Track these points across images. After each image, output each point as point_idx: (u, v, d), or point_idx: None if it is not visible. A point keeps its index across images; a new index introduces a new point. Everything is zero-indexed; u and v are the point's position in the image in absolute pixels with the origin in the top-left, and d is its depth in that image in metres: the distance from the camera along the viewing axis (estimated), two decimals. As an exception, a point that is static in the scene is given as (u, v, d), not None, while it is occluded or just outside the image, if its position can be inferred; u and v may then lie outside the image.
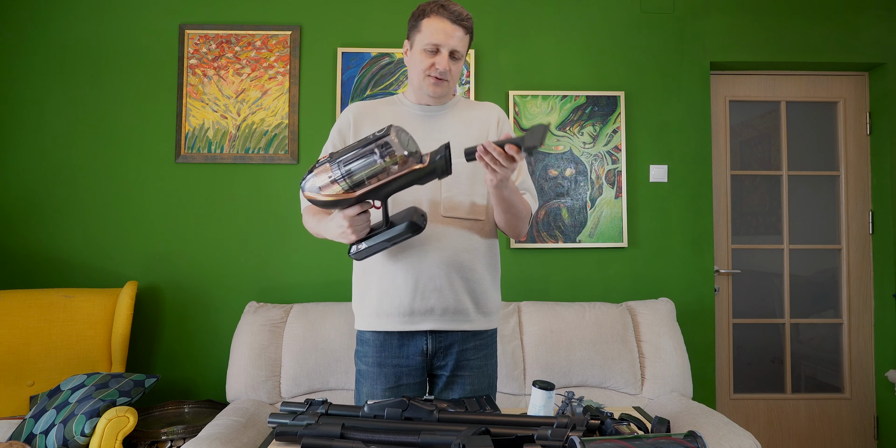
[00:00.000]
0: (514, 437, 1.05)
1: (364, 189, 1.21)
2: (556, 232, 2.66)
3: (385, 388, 1.43)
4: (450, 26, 1.40)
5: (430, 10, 1.41)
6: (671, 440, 0.91)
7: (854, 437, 2.80)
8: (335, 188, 1.21)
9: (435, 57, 1.41)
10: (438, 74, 1.41)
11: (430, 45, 1.40)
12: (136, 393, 2.08)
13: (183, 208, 2.60)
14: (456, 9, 1.41)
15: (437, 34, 1.39)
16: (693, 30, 2.74)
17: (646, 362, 2.35)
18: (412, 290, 1.40)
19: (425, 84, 1.44)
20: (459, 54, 1.43)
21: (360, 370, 1.48)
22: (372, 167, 1.18)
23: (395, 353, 1.44)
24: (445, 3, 1.41)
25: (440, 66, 1.40)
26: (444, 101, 1.50)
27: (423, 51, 1.42)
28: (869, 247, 2.86)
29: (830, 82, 2.90)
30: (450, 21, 1.40)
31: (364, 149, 1.18)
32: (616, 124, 2.69)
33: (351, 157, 1.19)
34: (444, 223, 1.42)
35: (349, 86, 2.64)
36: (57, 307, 2.34)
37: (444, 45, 1.40)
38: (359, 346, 1.50)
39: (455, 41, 1.40)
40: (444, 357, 1.45)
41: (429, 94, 1.46)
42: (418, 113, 1.49)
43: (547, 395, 1.24)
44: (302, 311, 2.36)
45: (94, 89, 2.62)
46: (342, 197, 1.22)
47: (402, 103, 1.52)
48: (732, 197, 2.88)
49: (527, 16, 2.71)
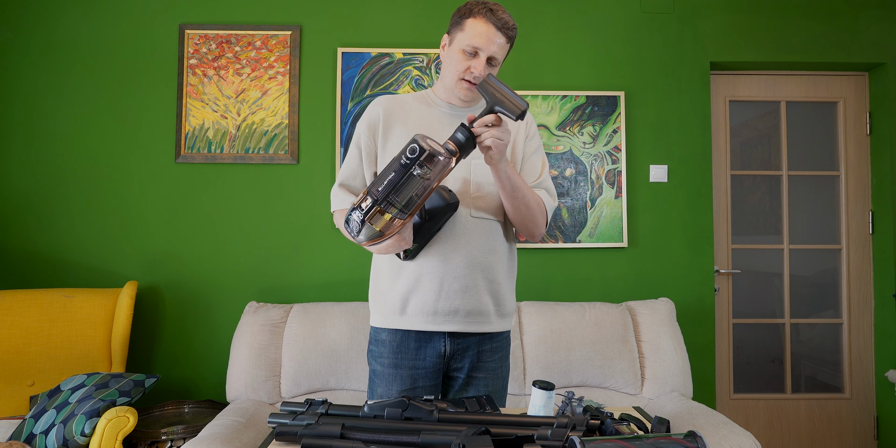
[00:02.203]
0: (514, 437, 1.05)
1: (416, 207, 1.18)
2: (556, 232, 2.66)
3: (400, 389, 1.43)
4: (493, 32, 1.37)
5: (477, 11, 1.38)
6: (671, 440, 0.91)
7: (854, 437, 2.80)
8: (396, 223, 1.18)
9: (472, 60, 1.39)
10: (473, 79, 1.40)
11: (470, 47, 1.37)
12: (136, 393, 2.08)
13: (183, 208, 2.61)
14: (504, 16, 1.38)
15: (479, 37, 1.36)
16: (693, 30, 2.74)
17: (646, 362, 2.35)
18: (437, 291, 1.40)
19: (457, 87, 1.43)
20: (497, 61, 1.40)
21: (375, 370, 1.47)
22: (419, 184, 1.15)
23: (412, 355, 1.44)
24: (495, 8, 1.38)
25: (476, 70, 1.38)
26: (473, 103, 1.50)
27: (461, 50, 1.39)
28: (869, 247, 2.86)
29: (830, 82, 2.90)
30: (495, 27, 1.37)
31: (406, 173, 1.13)
32: (616, 124, 2.69)
33: (401, 188, 1.14)
34: (471, 224, 1.42)
35: (349, 86, 2.64)
36: (57, 307, 2.34)
37: (483, 50, 1.37)
38: (373, 346, 1.49)
39: (495, 48, 1.38)
40: (461, 359, 1.45)
41: (460, 97, 1.45)
42: (449, 112, 1.48)
43: (547, 395, 1.24)
44: (302, 311, 2.36)
45: (93, 89, 2.62)
46: (401, 226, 1.19)
47: (433, 102, 1.50)
48: (732, 197, 2.88)
49: (527, 16, 2.71)
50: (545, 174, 1.52)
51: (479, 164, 1.43)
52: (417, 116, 1.46)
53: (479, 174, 1.43)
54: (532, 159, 1.52)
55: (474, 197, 1.42)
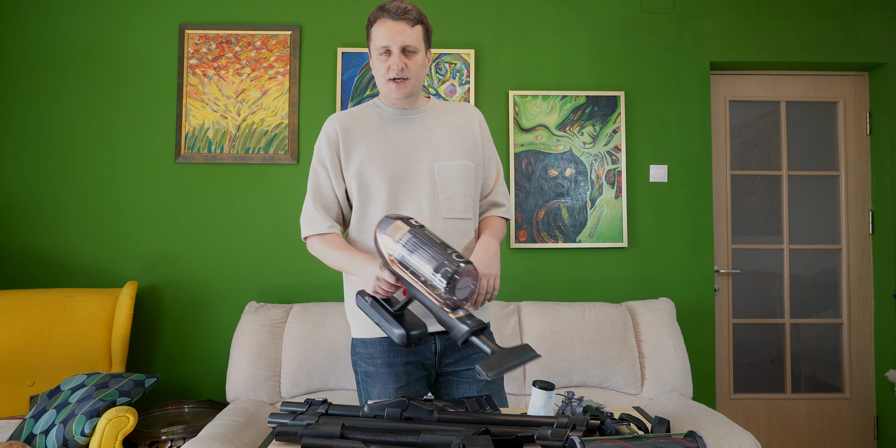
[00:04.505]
0: (514, 437, 1.05)
1: (401, 271, 1.19)
2: (556, 232, 2.66)
3: (397, 386, 1.42)
4: (392, 24, 1.38)
5: (373, 18, 1.41)
6: (671, 440, 0.91)
7: (854, 437, 2.80)
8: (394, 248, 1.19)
9: (388, 59, 1.41)
10: (396, 74, 1.40)
11: (381, 49, 1.40)
12: (136, 393, 2.08)
13: (183, 208, 2.60)
14: (395, 5, 1.39)
15: (383, 37, 1.39)
16: (693, 30, 2.74)
17: (646, 362, 2.35)
18: None
19: (388, 89, 1.44)
20: (413, 48, 1.41)
21: (368, 372, 1.46)
22: (423, 269, 1.14)
23: (405, 351, 1.44)
24: (385, 5, 1.40)
25: (394, 65, 1.40)
26: (419, 104, 1.51)
27: (377, 57, 1.42)
28: (869, 247, 2.86)
29: (830, 82, 2.90)
30: (392, 20, 1.38)
31: (437, 254, 1.14)
32: (616, 124, 2.69)
33: (424, 248, 1.16)
34: (445, 224, 1.43)
35: (349, 86, 2.64)
36: (57, 307, 2.34)
37: (392, 45, 1.39)
38: (360, 349, 1.48)
39: (402, 37, 1.39)
40: (452, 354, 1.46)
41: (395, 97, 1.45)
42: (401, 118, 1.50)
43: (547, 395, 1.24)
44: (302, 311, 2.36)
45: (93, 89, 2.62)
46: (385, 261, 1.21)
47: (382, 109, 1.51)
48: (732, 197, 2.88)
49: (527, 16, 2.71)
50: (500, 182, 1.58)
51: (441, 167, 1.45)
52: (372, 126, 1.48)
53: (444, 177, 1.45)
54: (490, 166, 1.57)
55: (443, 199, 1.44)
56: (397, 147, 1.46)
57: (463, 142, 1.50)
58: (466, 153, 1.49)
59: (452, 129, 1.50)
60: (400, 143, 1.46)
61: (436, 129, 1.49)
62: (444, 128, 1.50)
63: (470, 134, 1.52)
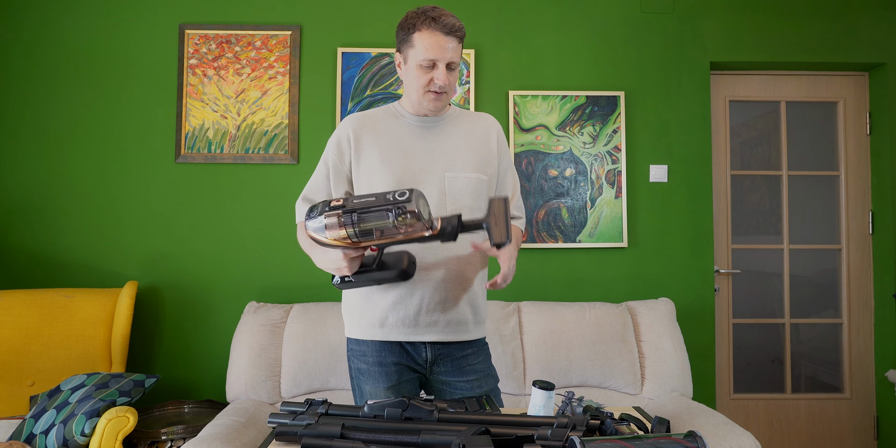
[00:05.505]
0: (514, 437, 1.05)
1: (369, 242, 1.21)
2: (556, 232, 2.66)
3: (388, 386, 1.43)
4: (443, 39, 1.36)
5: (420, 24, 1.36)
6: (671, 440, 0.91)
7: (854, 437, 2.80)
8: (341, 233, 1.19)
9: (432, 72, 1.38)
10: (438, 89, 1.40)
11: (427, 61, 1.37)
12: (136, 393, 2.08)
13: (183, 208, 2.60)
14: (447, 20, 1.36)
15: (432, 49, 1.36)
16: (693, 30, 2.74)
17: (646, 362, 2.35)
18: (417, 305, 1.42)
19: (425, 100, 1.42)
20: (455, 65, 1.40)
21: (360, 369, 1.48)
22: (384, 226, 1.17)
23: (396, 352, 1.46)
24: (436, 15, 1.36)
25: (439, 81, 1.38)
26: (442, 112, 1.50)
27: (419, 66, 1.38)
28: (869, 247, 2.86)
29: (830, 82, 2.90)
30: (443, 34, 1.36)
31: (381, 207, 1.16)
32: (616, 124, 2.69)
33: (366, 212, 1.17)
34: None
35: (349, 86, 2.64)
36: (57, 307, 2.34)
37: (440, 60, 1.37)
38: (354, 346, 1.50)
39: (450, 54, 1.37)
40: (442, 363, 1.47)
41: (430, 109, 1.45)
42: (418, 125, 1.48)
43: (547, 395, 1.24)
44: (302, 311, 2.36)
45: (93, 89, 2.62)
46: (346, 244, 1.21)
47: (402, 115, 1.50)
48: (732, 197, 2.88)
49: (527, 16, 2.71)
50: (517, 196, 1.58)
51: (453, 177, 1.44)
52: (388, 131, 1.47)
53: (454, 188, 1.44)
54: (505, 179, 1.56)
55: (451, 210, 1.43)
56: (410, 153, 1.45)
57: (478, 153, 1.48)
58: (480, 165, 1.48)
59: (469, 140, 1.49)
60: (414, 149, 1.45)
61: (453, 139, 1.48)
62: (462, 138, 1.49)
63: (486, 146, 1.51)
